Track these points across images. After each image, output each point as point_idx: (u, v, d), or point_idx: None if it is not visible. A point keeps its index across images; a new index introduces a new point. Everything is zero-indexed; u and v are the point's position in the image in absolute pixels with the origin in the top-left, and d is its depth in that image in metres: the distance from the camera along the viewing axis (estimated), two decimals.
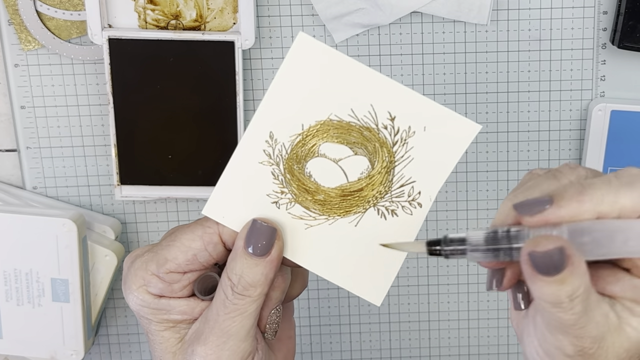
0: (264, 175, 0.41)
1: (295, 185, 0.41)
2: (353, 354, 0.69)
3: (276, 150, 0.41)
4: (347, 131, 0.40)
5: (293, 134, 0.41)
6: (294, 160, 0.41)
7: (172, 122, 0.61)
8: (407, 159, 0.41)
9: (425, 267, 0.67)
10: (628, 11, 0.59)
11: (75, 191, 0.65)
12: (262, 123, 0.41)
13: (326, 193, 0.41)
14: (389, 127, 0.40)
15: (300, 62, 0.40)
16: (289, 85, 0.40)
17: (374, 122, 0.40)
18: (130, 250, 0.66)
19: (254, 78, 0.63)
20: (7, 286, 0.61)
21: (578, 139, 0.64)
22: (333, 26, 0.61)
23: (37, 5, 0.61)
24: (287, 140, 0.41)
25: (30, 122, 0.64)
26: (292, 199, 0.41)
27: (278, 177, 0.41)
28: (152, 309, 0.43)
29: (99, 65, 0.62)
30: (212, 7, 0.60)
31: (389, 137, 0.41)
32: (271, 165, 0.41)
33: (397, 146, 0.41)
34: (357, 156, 0.41)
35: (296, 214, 0.41)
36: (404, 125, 0.40)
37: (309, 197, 0.41)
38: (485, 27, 0.62)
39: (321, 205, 0.41)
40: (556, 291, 0.34)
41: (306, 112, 0.40)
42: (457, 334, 0.69)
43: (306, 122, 0.41)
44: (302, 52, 0.40)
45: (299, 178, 0.41)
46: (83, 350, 0.63)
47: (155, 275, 0.42)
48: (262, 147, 0.41)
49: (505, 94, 0.63)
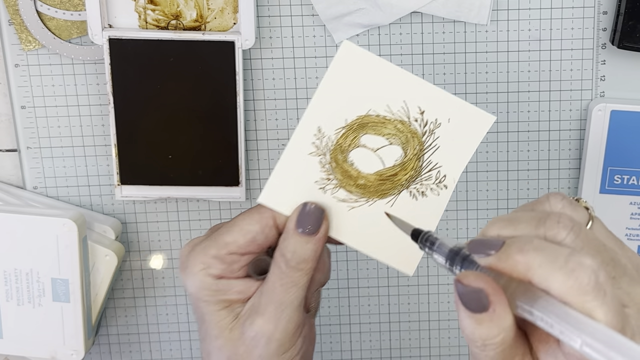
0: (312, 164, 0.47)
1: (339, 172, 0.47)
2: (353, 353, 0.70)
3: (323, 142, 0.47)
4: (383, 124, 0.47)
5: (338, 128, 0.47)
6: (338, 150, 0.47)
7: (173, 122, 0.61)
8: (434, 147, 0.47)
9: (425, 267, 0.67)
10: (628, 11, 0.59)
11: (76, 191, 0.65)
12: (311, 120, 0.46)
13: (366, 178, 0.47)
14: (419, 119, 0.47)
15: (344, 66, 0.46)
16: (334, 86, 0.46)
17: (407, 115, 0.47)
18: (130, 250, 0.66)
19: (254, 78, 0.63)
20: (8, 286, 0.61)
21: (578, 139, 0.64)
22: (333, 26, 0.61)
23: (37, 6, 0.61)
24: (332, 134, 0.47)
25: (30, 122, 0.64)
26: (336, 185, 0.47)
27: (325, 165, 0.47)
28: (211, 290, 0.47)
29: (99, 65, 0.62)
30: (213, 7, 0.60)
31: (419, 128, 0.47)
32: (319, 156, 0.47)
33: (425, 136, 0.47)
34: (392, 146, 0.47)
35: (340, 197, 0.47)
36: (431, 117, 0.46)
37: (351, 182, 0.47)
38: (485, 27, 0.62)
39: (362, 189, 0.47)
40: (472, 328, 0.35)
41: (348, 108, 0.46)
42: (457, 333, 0.69)
43: (349, 117, 0.46)
44: (346, 57, 0.46)
45: (343, 166, 0.47)
46: (83, 350, 0.63)
47: (216, 257, 0.46)
48: (311, 140, 0.47)
49: (505, 94, 0.63)
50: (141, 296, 0.68)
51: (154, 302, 0.68)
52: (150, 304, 0.68)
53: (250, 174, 0.65)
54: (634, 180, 0.63)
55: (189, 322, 0.69)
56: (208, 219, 0.66)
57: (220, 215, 0.66)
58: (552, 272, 0.34)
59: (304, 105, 0.63)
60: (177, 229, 0.66)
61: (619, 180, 0.63)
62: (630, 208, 0.63)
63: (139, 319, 0.68)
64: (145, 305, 0.68)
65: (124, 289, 0.68)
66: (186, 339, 0.69)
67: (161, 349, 0.69)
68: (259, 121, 0.64)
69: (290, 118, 0.64)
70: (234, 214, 0.66)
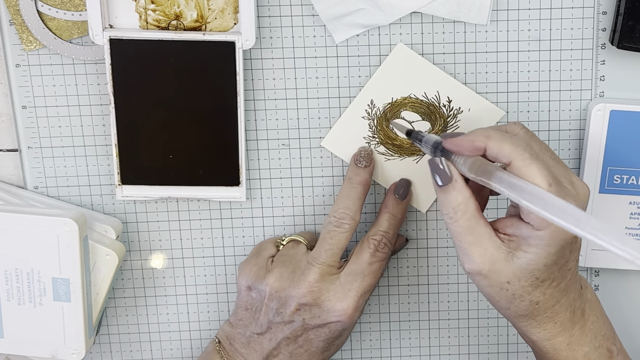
0: (363, 125, 0.64)
1: (382, 134, 0.64)
2: (353, 353, 0.70)
3: (373, 111, 0.63)
4: (420, 105, 0.63)
5: (386, 102, 0.63)
6: (383, 118, 0.63)
7: (173, 122, 0.61)
8: (455, 127, 0.63)
9: (425, 267, 0.67)
10: (627, 11, 0.59)
11: (77, 191, 0.65)
12: (367, 93, 0.63)
13: (401, 140, 0.64)
14: (447, 106, 0.63)
15: (395, 61, 0.62)
16: (387, 73, 0.62)
17: (437, 102, 0.63)
18: (131, 249, 0.67)
19: (254, 78, 0.63)
20: (9, 285, 0.61)
21: (577, 139, 0.64)
22: (333, 26, 0.61)
23: (38, 6, 0.61)
24: (381, 106, 0.63)
25: (31, 122, 0.64)
26: (379, 142, 0.64)
27: (372, 127, 0.64)
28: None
29: (100, 65, 0.62)
30: (213, 7, 0.60)
31: (445, 112, 0.63)
32: (369, 120, 0.63)
33: (449, 118, 0.63)
34: (424, 121, 0.63)
35: (380, 151, 0.64)
36: (456, 105, 0.63)
37: (389, 142, 0.64)
38: (485, 27, 0.62)
39: (397, 147, 0.64)
40: (443, 198, 0.51)
41: (395, 90, 0.63)
42: (457, 333, 0.69)
43: (394, 96, 0.63)
44: (398, 55, 0.62)
45: (386, 130, 0.63)
46: (84, 349, 0.63)
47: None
48: (365, 108, 0.63)
49: (505, 94, 0.63)
50: (142, 296, 0.68)
51: (154, 302, 0.68)
52: (151, 303, 0.68)
53: (251, 174, 0.65)
54: (633, 180, 0.63)
55: (189, 322, 0.69)
56: (208, 218, 0.66)
57: (221, 215, 0.66)
58: (503, 141, 0.49)
59: (304, 105, 0.63)
60: (178, 229, 0.66)
61: (618, 180, 0.63)
62: (629, 208, 0.64)
63: (139, 318, 0.68)
64: (145, 305, 0.68)
65: (125, 289, 0.68)
66: (186, 338, 0.69)
67: (162, 349, 0.69)
68: (259, 121, 0.64)
69: (290, 118, 0.64)
70: (234, 214, 0.66)
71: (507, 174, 0.47)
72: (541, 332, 0.53)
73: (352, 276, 0.60)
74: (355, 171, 0.62)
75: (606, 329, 0.55)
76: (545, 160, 0.49)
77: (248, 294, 0.62)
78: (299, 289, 0.59)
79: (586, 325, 0.54)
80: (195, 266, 0.67)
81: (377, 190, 0.65)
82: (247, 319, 0.62)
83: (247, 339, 0.62)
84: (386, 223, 0.62)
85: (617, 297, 0.68)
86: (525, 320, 0.53)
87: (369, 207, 0.66)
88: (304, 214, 0.66)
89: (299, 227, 0.66)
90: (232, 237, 0.67)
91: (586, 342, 0.54)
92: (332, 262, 0.60)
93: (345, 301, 0.59)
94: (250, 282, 0.61)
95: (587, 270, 0.67)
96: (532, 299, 0.51)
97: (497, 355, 0.69)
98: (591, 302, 0.55)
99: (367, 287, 0.60)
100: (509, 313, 0.53)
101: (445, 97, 0.62)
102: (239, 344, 0.62)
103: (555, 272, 0.51)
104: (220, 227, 0.66)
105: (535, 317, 0.53)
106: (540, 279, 0.50)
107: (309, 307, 0.59)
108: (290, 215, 0.66)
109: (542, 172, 0.47)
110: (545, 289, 0.51)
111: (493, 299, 0.52)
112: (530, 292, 0.51)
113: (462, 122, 0.63)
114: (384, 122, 0.63)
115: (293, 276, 0.60)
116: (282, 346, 0.61)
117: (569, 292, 0.53)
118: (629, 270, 0.67)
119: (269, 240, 0.65)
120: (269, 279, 0.60)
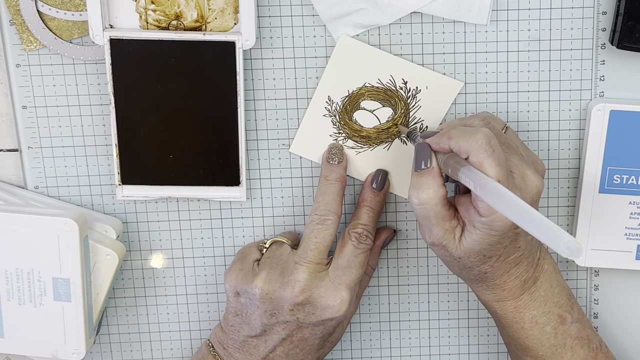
0: (327, 123, 0.64)
1: (347, 128, 0.63)
2: (353, 353, 0.70)
3: (333, 107, 0.63)
4: (377, 92, 0.63)
5: (343, 96, 0.63)
6: (345, 112, 0.63)
7: (173, 122, 0.61)
8: (417, 107, 0.63)
9: (425, 267, 0.67)
10: (627, 11, 0.59)
11: (77, 191, 0.65)
12: (322, 91, 0.63)
13: (367, 131, 0.64)
14: (403, 88, 0.63)
15: (342, 54, 0.62)
16: (337, 68, 0.62)
17: (393, 85, 0.63)
18: (131, 249, 0.67)
19: (254, 78, 0.63)
20: (9, 285, 0.61)
21: (577, 139, 0.64)
22: (333, 26, 0.61)
23: (38, 6, 0.61)
24: (339, 100, 0.63)
25: (31, 122, 0.64)
26: (346, 137, 0.64)
27: (336, 124, 0.63)
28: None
29: (100, 65, 0.62)
30: (213, 7, 0.60)
31: (404, 94, 0.63)
32: (331, 117, 0.63)
33: (409, 99, 0.63)
34: (385, 107, 0.63)
35: (349, 145, 0.64)
36: (413, 86, 0.63)
37: (356, 134, 0.64)
38: (485, 27, 0.62)
39: (365, 139, 0.64)
40: (416, 180, 0.56)
41: (349, 82, 0.62)
42: (457, 333, 0.69)
43: (350, 88, 0.63)
44: (344, 47, 0.62)
45: (349, 123, 0.63)
46: (84, 349, 0.63)
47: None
48: (323, 105, 0.63)
49: (505, 94, 0.63)
50: (142, 295, 0.68)
51: (154, 302, 0.68)
52: (151, 303, 0.68)
53: (251, 174, 0.65)
54: (633, 180, 0.63)
55: (189, 322, 0.69)
56: (208, 218, 0.66)
57: (221, 215, 0.66)
58: (462, 137, 0.54)
59: (304, 105, 0.63)
60: (178, 229, 0.66)
61: (618, 179, 0.63)
62: (629, 208, 0.64)
63: (139, 318, 0.68)
64: (146, 305, 0.68)
65: (125, 289, 0.68)
66: (186, 338, 0.69)
67: (162, 348, 0.69)
68: (259, 121, 0.64)
69: (290, 118, 0.64)
70: (234, 214, 0.66)
71: (468, 169, 0.53)
72: (490, 295, 0.59)
73: (340, 270, 0.60)
74: (329, 169, 0.63)
75: (560, 297, 0.60)
76: (499, 153, 0.53)
77: (237, 300, 0.62)
78: (290, 290, 0.59)
79: (537, 292, 0.59)
80: (196, 266, 0.67)
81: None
82: (238, 324, 0.62)
83: (240, 344, 0.62)
84: (365, 216, 0.63)
85: (617, 297, 0.68)
86: (476, 284, 0.59)
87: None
88: (304, 214, 0.66)
89: (299, 227, 0.66)
90: (232, 237, 0.67)
91: (534, 307, 0.59)
92: (320, 260, 0.60)
93: (337, 296, 0.60)
94: (239, 287, 0.61)
95: (587, 270, 0.67)
96: (480, 269, 0.57)
97: (497, 355, 0.70)
98: (547, 272, 0.60)
99: (355, 280, 0.61)
100: (462, 277, 0.60)
101: (400, 80, 0.62)
102: (232, 349, 0.62)
103: (501, 249, 0.56)
104: (220, 227, 0.66)
105: (484, 282, 0.58)
106: (488, 255, 0.56)
107: (302, 306, 0.59)
108: (290, 215, 0.66)
109: (491, 165, 0.52)
110: (493, 263, 0.57)
111: (448, 264, 0.59)
112: (479, 265, 0.57)
113: (423, 101, 0.63)
114: (346, 116, 0.63)
115: (282, 277, 0.60)
116: (278, 347, 0.61)
117: (519, 264, 0.58)
118: (629, 270, 0.67)
119: (251, 245, 0.65)
120: (257, 282, 0.60)
